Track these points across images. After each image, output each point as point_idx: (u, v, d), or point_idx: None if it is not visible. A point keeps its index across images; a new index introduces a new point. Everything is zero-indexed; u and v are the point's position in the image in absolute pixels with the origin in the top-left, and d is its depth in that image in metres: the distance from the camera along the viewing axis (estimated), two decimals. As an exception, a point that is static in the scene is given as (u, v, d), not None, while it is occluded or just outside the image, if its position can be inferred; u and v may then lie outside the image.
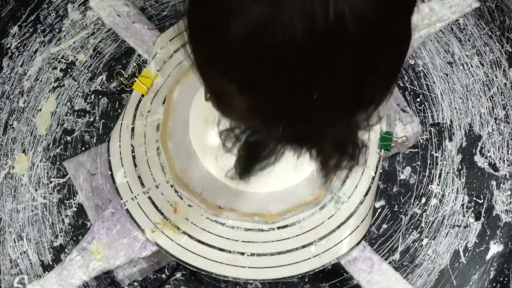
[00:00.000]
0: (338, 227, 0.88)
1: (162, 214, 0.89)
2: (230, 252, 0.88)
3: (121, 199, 0.90)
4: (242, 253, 0.88)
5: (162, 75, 0.94)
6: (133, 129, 0.92)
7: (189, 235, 0.88)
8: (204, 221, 0.89)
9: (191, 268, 0.88)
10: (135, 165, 0.91)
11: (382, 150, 0.93)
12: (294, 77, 0.48)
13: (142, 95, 0.94)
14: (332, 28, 0.46)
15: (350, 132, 0.58)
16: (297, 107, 0.50)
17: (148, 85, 0.94)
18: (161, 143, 0.91)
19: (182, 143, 0.91)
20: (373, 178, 0.90)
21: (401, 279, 0.89)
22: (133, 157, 0.91)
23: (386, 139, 0.93)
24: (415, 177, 1.08)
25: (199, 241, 0.88)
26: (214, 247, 0.88)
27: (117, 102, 1.12)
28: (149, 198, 0.90)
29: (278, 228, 0.89)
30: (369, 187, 0.90)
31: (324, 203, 0.89)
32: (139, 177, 0.91)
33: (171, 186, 0.90)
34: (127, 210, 0.89)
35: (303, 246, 0.88)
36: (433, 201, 1.08)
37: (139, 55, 1.12)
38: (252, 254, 0.88)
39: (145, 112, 0.93)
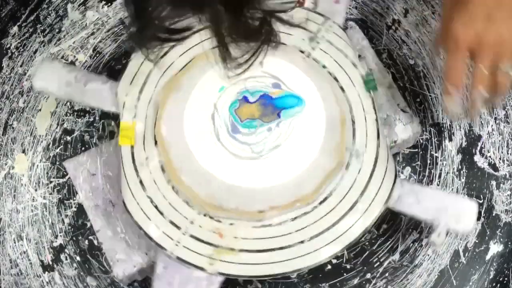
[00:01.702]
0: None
1: (211, 244, 0.87)
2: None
3: (166, 250, 0.87)
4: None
5: (140, 119, 0.92)
6: (141, 182, 0.90)
7: (245, 250, 0.87)
8: (251, 230, 0.87)
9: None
10: (161, 213, 0.89)
11: (371, 92, 0.93)
12: None
13: (132, 147, 0.91)
14: None
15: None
16: None
17: (132, 135, 0.91)
18: (175, 181, 0.88)
19: (194, 170, 0.88)
20: (376, 120, 0.92)
21: (449, 193, 0.90)
22: (155, 207, 0.89)
23: (369, 81, 0.93)
24: (415, 177, 1.08)
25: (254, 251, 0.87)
26: (260, 250, 0.87)
27: (117, 102, 1.12)
28: (191, 236, 0.87)
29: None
30: (378, 131, 0.91)
31: (348, 161, 0.89)
32: (171, 223, 0.88)
33: (204, 215, 0.88)
34: (177, 257, 0.87)
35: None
36: (433, 201, 1.08)
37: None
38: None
39: (144, 161, 0.90)
